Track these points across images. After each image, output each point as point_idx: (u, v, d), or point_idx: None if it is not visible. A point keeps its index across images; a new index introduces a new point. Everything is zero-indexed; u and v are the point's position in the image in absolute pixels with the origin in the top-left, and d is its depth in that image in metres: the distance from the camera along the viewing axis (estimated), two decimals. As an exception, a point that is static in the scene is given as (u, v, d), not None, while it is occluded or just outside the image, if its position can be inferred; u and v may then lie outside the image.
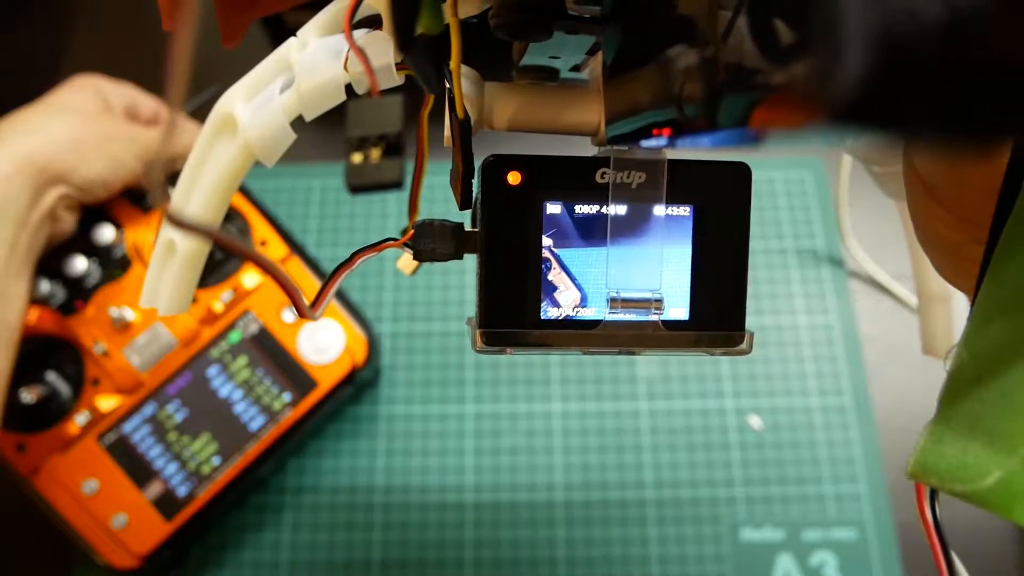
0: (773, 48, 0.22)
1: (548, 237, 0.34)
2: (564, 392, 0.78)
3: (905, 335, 0.80)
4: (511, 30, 0.31)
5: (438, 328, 0.80)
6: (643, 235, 0.34)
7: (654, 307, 0.35)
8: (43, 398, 0.67)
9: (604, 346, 0.35)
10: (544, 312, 0.35)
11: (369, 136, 0.27)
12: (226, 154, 0.34)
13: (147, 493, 0.67)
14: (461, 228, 0.35)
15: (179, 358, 0.70)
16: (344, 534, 0.73)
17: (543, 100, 0.36)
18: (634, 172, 0.34)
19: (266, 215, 0.74)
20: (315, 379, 0.70)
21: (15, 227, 0.60)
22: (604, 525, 0.73)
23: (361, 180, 0.26)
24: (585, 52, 0.36)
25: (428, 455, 0.75)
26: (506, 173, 0.34)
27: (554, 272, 0.34)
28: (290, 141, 0.34)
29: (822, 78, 0.18)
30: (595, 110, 0.36)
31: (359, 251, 0.35)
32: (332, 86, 0.33)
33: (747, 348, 0.36)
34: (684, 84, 0.26)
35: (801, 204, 0.85)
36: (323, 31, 0.34)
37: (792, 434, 0.76)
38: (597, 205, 0.34)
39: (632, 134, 0.30)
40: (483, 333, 0.34)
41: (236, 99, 0.34)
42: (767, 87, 0.22)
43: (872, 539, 0.72)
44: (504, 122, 0.35)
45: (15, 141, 0.62)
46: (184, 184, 0.35)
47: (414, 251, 0.35)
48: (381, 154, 0.27)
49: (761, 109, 0.22)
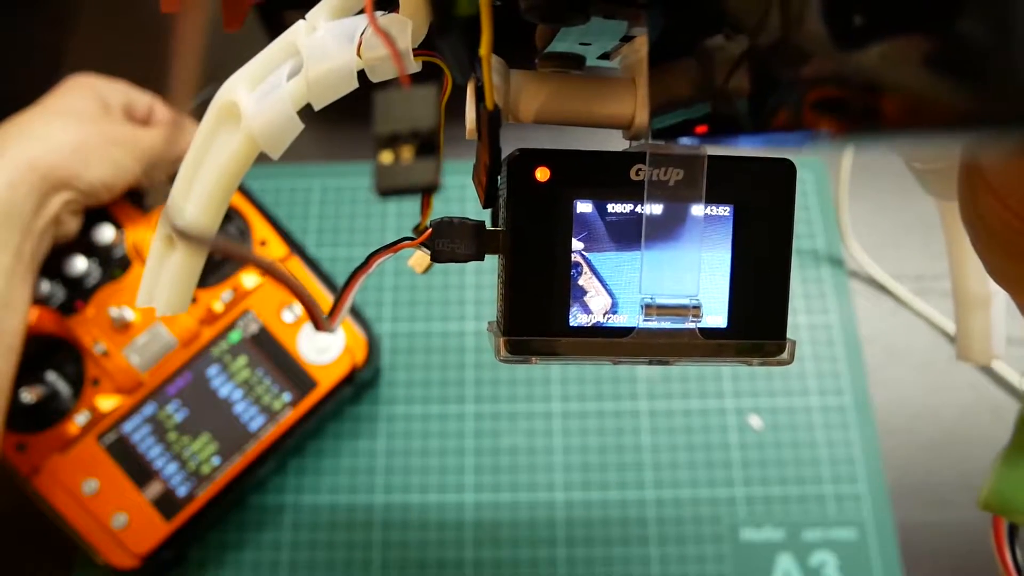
0: (855, 32, 0.18)
1: (579, 240, 0.30)
2: (564, 392, 0.74)
3: (905, 335, 0.77)
4: (546, 13, 0.27)
5: (438, 328, 0.77)
6: (680, 237, 0.30)
7: (692, 314, 0.30)
8: (43, 398, 0.64)
9: (637, 355, 0.31)
10: (573, 318, 0.30)
11: (400, 133, 0.22)
12: (228, 146, 0.29)
13: (147, 493, 0.64)
14: (483, 227, 0.31)
15: (179, 358, 0.67)
16: (344, 534, 0.70)
17: (574, 90, 0.31)
18: (671, 169, 0.30)
19: (266, 215, 0.71)
20: (315, 379, 0.67)
21: (20, 234, 0.58)
22: (604, 525, 0.70)
23: (392, 183, 0.22)
24: (619, 38, 0.32)
25: (428, 455, 0.72)
26: (534, 169, 0.29)
27: (584, 276, 0.30)
28: (297, 131, 0.29)
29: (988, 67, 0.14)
30: (629, 101, 0.31)
31: (375, 253, 0.31)
32: (344, 72, 0.28)
33: (788, 358, 0.32)
34: (732, 75, 0.22)
35: (801, 204, 0.81)
36: (334, 13, 0.29)
37: (792, 434, 0.73)
38: (631, 204, 0.30)
39: (675, 127, 0.26)
40: (507, 341, 0.30)
41: (239, 87, 0.29)
42: (844, 80, 0.18)
43: (872, 539, 0.69)
44: (531, 114, 0.31)
45: (17, 148, 0.59)
46: (183, 180, 0.30)
47: (432, 251, 0.30)
48: (414, 153, 0.22)
49: (826, 109, 0.19)
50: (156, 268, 0.32)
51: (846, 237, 0.78)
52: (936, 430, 0.73)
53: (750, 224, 0.31)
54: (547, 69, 0.33)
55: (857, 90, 0.17)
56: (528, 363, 0.31)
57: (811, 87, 0.19)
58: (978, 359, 0.49)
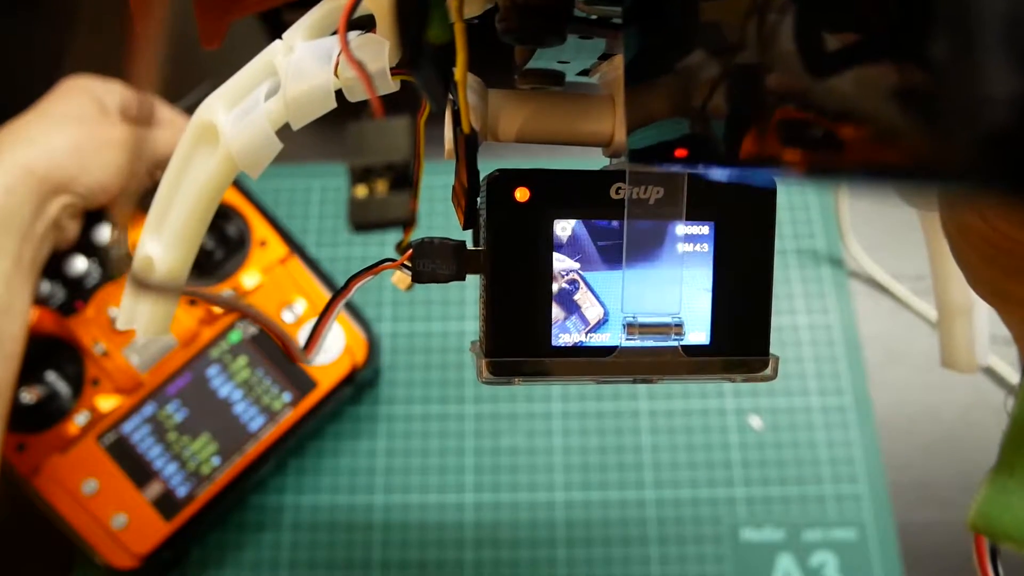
0: (830, 55, 0.17)
1: (575, 260, 0.30)
2: (564, 392, 0.74)
3: (905, 335, 0.77)
4: (521, 35, 0.27)
5: (438, 328, 0.76)
6: (661, 255, 0.30)
7: (674, 332, 0.30)
8: (43, 398, 0.64)
9: (621, 374, 0.31)
10: (556, 338, 0.30)
11: (374, 166, 0.22)
12: (206, 167, 0.29)
13: (147, 493, 0.64)
14: (463, 247, 0.31)
15: (179, 358, 0.67)
16: (344, 534, 0.70)
17: (553, 109, 0.31)
18: (652, 187, 0.29)
19: (266, 215, 0.71)
20: (315, 379, 0.67)
21: (19, 240, 0.57)
22: (604, 525, 0.70)
23: (366, 218, 0.22)
24: (597, 56, 0.31)
25: (428, 455, 0.72)
26: (514, 189, 0.29)
27: (580, 293, 0.30)
28: (276, 151, 0.29)
29: (932, 99, 0.13)
30: (608, 119, 0.31)
31: (354, 277, 0.31)
32: (321, 92, 0.28)
33: (771, 374, 0.32)
34: (713, 95, 0.22)
35: (801, 204, 0.81)
36: (311, 33, 0.29)
37: (792, 434, 0.72)
38: (611, 223, 0.30)
39: (655, 148, 0.26)
40: (489, 363, 0.30)
41: (217, 107, 0.29)
42: (813, 106, 0.18)
43: (872, 539, 0.69)
44: (512, 134, 0.31)
45: (14, 152, 0.59)
46: (160, 202, 0.30)
47: (413, 272, 0.30)
48: (388, 187, 0.22)
49: (794, 138, 0.18)
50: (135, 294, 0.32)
51: (846, 237, 0.78)
52: (936, 430, 0.72)
53: (731, 241, 0.31)
54: (527, 86, 0.33)
55: (825, 118, 0.17)
56: (511, 384, 0.31)
57: (781, 110, 0.19)
58: (962, 368, 0.49)
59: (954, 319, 0.48)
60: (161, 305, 0.31)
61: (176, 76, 0.76)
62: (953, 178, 0.14)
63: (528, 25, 0.26)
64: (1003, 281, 0.28)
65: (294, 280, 0.68)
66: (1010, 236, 0.26)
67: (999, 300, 0.29)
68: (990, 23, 0.13)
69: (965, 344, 0.48)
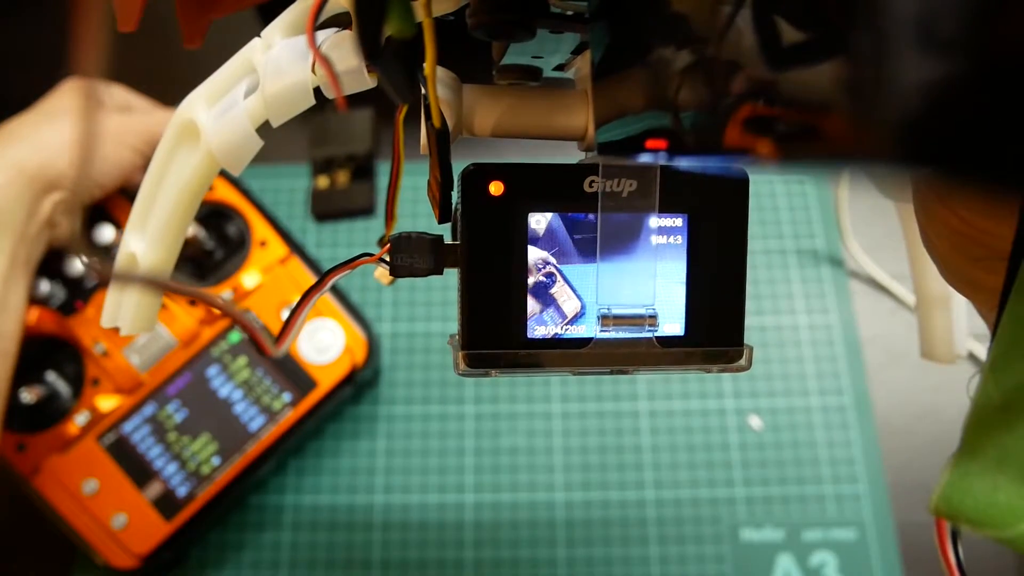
0: (785, 49, 0.18)
1: (552, 254, 0.30)
2: (564, 392, 0.75)
3: (905, 335, 0.77)
4: (491, 31, 0.28)
5: (438, 328, 0.77)
6: (634, 247, 0.31)
7: (648, 323, 0.31)
8: (43, 398, 0.65)
9: (596, 365, 0.31)
10: (531, 331, 0.31)
11: (335, 157, 0.23)
12: (188, 165, 0.30)
13: (147, 493, 0.64)
14: (440, 241, 0.31)
15: (179, 358, 0.67)
16: (344, 534, 0.70)
17: (528, 104, 0.32)
18: (625, 180, 0.30)
19: (266, 215, 0.72)
20: (315, 379, 0.68)
21: (13, 238, 0.58)
22: (604, 525, 0.70)
23: (327, 207, 0.23)
24: (570, 51, 0.32)
25: (428, 455, 0.73)
26: (488, 183, 0.30)
27: (557, 286, 0.31)
28: (257, 148, 0.30)
29: (861, 89, 0.14)
30: (582, 113, 0.32)
31: (331, 271, 0.31)
32: (300, 89, 0.29)
33: (746, 364, 0.32)
34: (680, 88, 0.23)
35: (801, 204, 0.81)
36: (289, 31, 0.30)
37: (792, 434, 0.73)
38: (585, 215, 0.31)
39: (624, 142, 0.26)
40: (466, 355, 0.31)
41: (197, 105, 0.30)
42: (782, 99, 0.18)
43: (872, 539, 0.69)
44: (487, 128, 0.32)
45: (5, 151, 0.60)
46: (143, 199, 0.31)
47: (391, 267, 0.31)
48: (350, 177, 0.23)
49: (760, 128, 0.19)
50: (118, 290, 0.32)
51: (846, 237, 0.78)
52: (936, 430, 0.72)
53: (705, 233, 0.31)
54: (504, 81, 0.33)
55: (785, 108, 0.18)
56: (488, 376, 0.31)
57: (747, 103, 0.19)
58: (941, 358, 0.49)
59: (932, 309, 0.49)
60: (144, 301, 0.32)
61: (176, 76, 0.76)
62: (878, 160, 0.15)
63: (497, 21, 0.27)
64: (971, 269, 0.28)
65: (294, 280, 0.69)
66: (974, 224, 0.26)
67: (969, 288, 0.30)
68: (903, 23, 0.13)
69: (943, 334, 0.49)
